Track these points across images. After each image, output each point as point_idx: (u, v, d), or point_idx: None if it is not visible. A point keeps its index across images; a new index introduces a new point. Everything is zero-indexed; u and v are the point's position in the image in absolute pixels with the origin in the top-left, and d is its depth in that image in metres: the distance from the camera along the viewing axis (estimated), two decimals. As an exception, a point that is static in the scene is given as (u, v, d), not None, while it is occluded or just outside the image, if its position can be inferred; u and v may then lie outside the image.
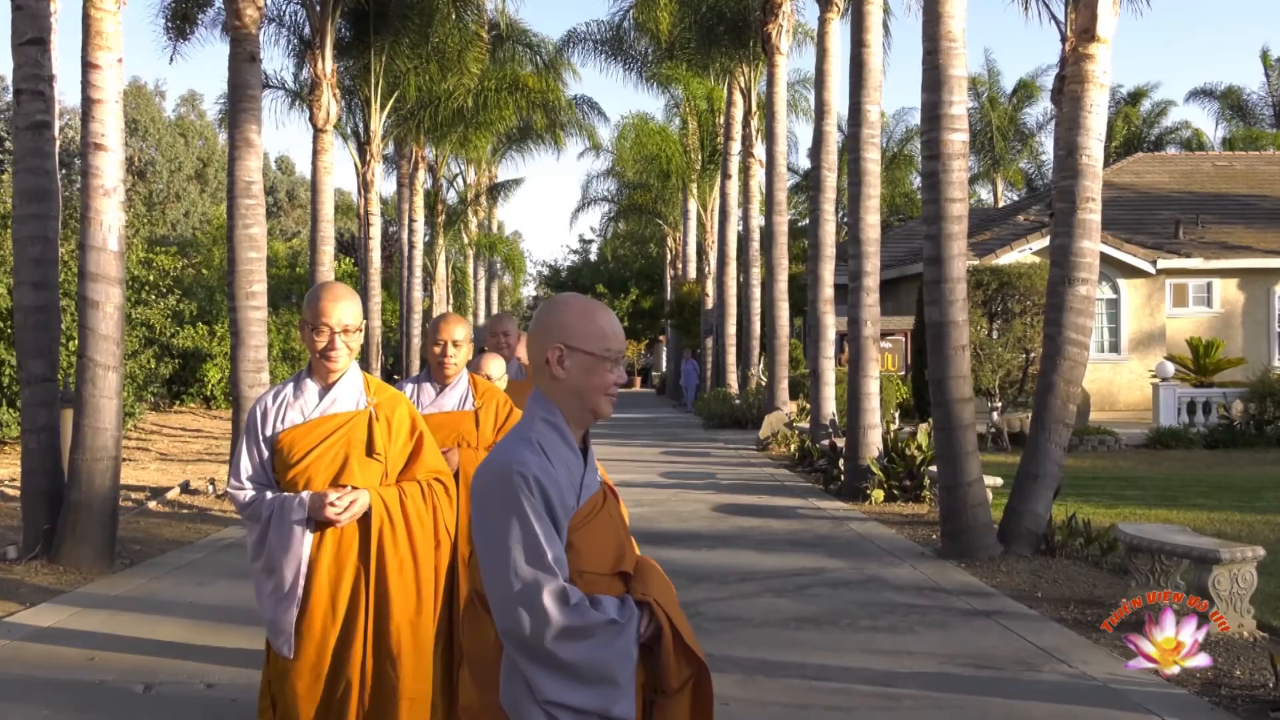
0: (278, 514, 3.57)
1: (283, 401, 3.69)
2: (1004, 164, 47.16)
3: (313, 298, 3.64)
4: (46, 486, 8.89)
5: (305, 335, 3.66)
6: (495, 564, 2.28)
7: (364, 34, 21.54)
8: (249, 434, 3.69)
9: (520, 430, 2.43)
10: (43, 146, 9.13)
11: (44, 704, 5.33)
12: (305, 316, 3.63)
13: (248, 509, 3.63)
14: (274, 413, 3.68)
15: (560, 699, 2.25)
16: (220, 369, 25.70)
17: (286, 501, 3.57)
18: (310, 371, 3.73)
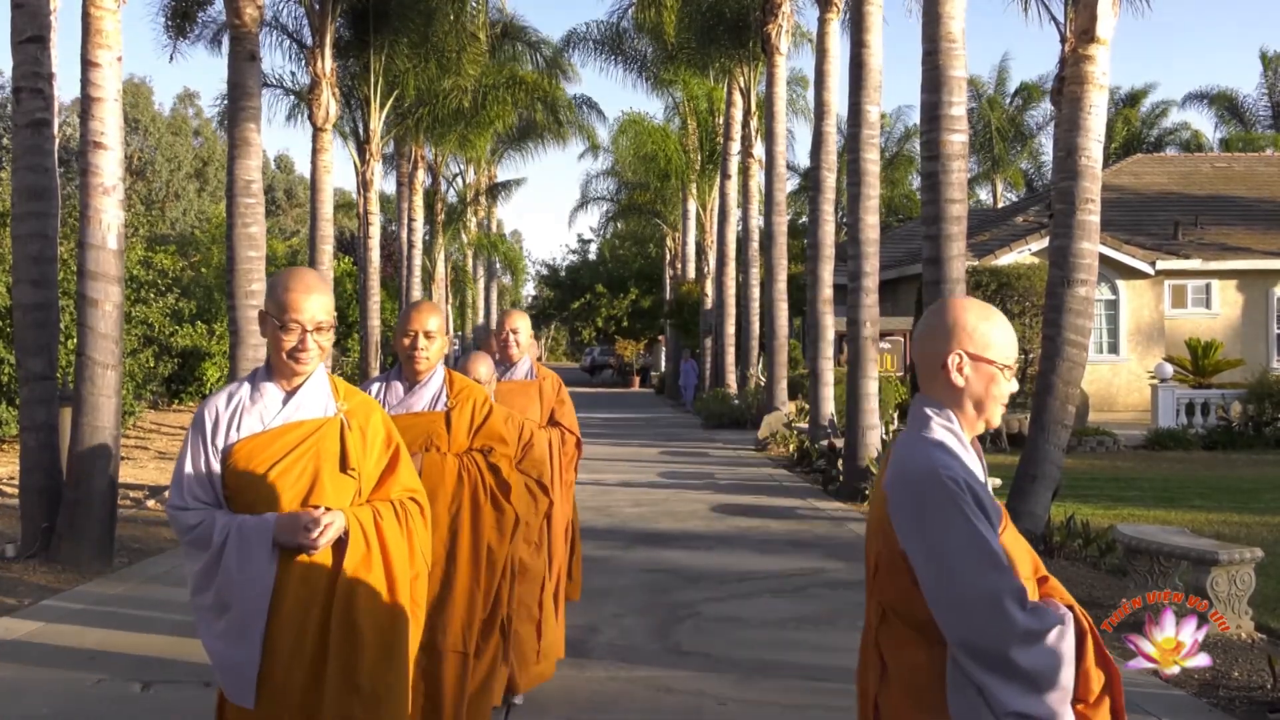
0: (236, 538, 2.97)
1: (238, 405, 3.10)
2: (1004, 165, 47.19)
3: (279, 287, 3.07)
4: (45, 485, 8.89)
5: (268, 330, 3.06)
6: (945, 574, 2.15)
7: (363, 33, 21.54)
8: (194, 443, 3.08)
9: (918, 432, 2.33)
10: (42, 144, 9.12)
11: (42, 702, 5.32)
12: (269, 309, 3.05)
13: (192, 532, 3.02)
14: (227, 418, 3.08)
15: (1022, 709, 2.15)
16: (219, 368, 25.69)
17: (247, 524, 2.99)
18: (270, 372, 3.14)
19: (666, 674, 5.80)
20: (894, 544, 2.23)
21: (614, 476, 14.59)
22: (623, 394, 42.65)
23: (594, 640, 6.39)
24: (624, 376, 51.39)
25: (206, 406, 3.10)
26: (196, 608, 3.09)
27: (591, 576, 7.88)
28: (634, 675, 5.81)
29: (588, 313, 52.45)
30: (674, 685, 5.62)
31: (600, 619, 6.88)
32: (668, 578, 8.24)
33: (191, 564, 3.07)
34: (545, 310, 58.91)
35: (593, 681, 5.60)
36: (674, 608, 7.28)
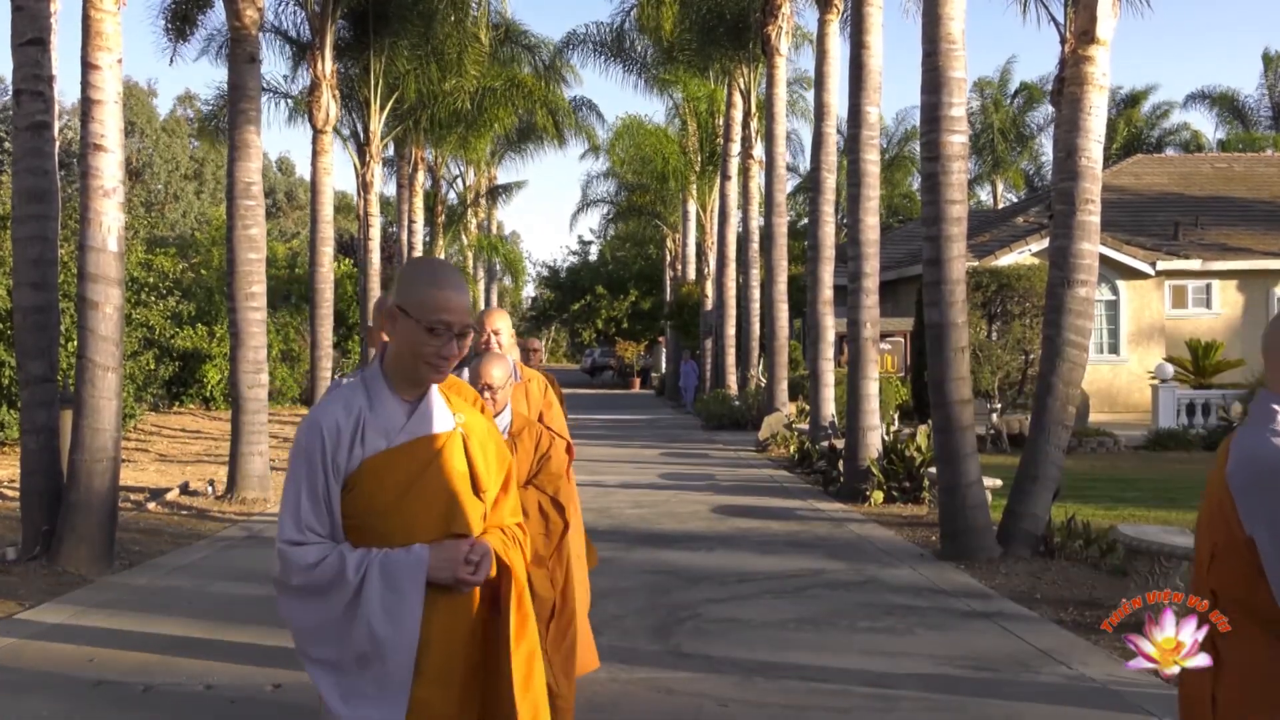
0: (379, 577, 2.43)
1: (359, 418, 2.55)
2: (1004, 165, 47.21)
3: (423, 281, 2.57)
4: (46, 487, 8.88)
5: (401, 331, 2.55)
6: None
7: (363, 35, 21.55)
8: (310, 464, 2.51)
9: (1267, 425, 2.35)
10: (42, 147, 9.12)
11: (43, 704, 5.32)
12: (407, 306, 2.53)
13: (310, 572, 2.45)
14: (350, 434, 2.53)
15: None
16: (220, 370, 25.69)
17: (393, 559, 2.46)
18: (389, 379, 2.60)
19: (667, 675, 5.81)
20: (1237, 532, 2.27)
21: (614, 478, 14.58)
22: (623, 395, 42.64)
23: (595, 641, 6.38)
24: (624, 378, 51.37)
25: (323, 419, 2.52)
26: (317, 663, 2.48)
27: (592, 578, 7.87)
28: (634, 676, 5.81)
29: (588, 314, 52.45)
30: (675, 686, 5.62)
31: (601, 620, 6.87)
32: (668, 579, 8.24)
33: (305, 611, 2.47)
34: (545, 312, 58.91)
35: (593, 683, 5.60)
36: (674, 609, 7.27)
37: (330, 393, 2.65)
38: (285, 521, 2.51)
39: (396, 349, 2.57)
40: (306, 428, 2.54)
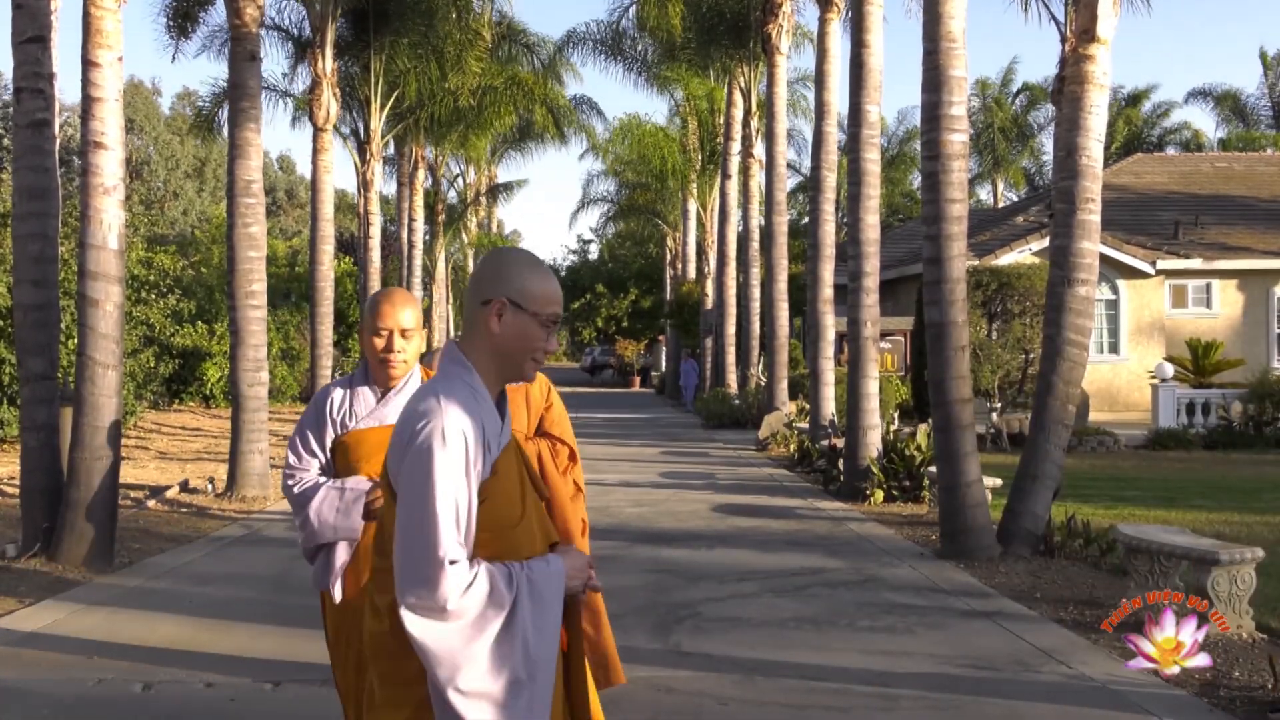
0: (529, 593, 2.29)
1: (482, 421, 2.39)
2: (1005, 164, 47.20)
3: (531, 273, 2.47)
4: (46, 484, 8.89)
5: (513, 325, 2.43)
6: None
7: (364, 33, 21.55)
8: (459, 472, 2.27)
9: None
10: (43, 144, 9.13)
11: (43, 703, 5.33)
12: (519, 298, 2.42)
13: (469, 592, 2.22)
14: (480, 438, 2.35)
15: None
16: (220, 368, 25.70)
17: (537, 571, 2.34)
18: (485, 377, 2.47)
19: (667, 674, 5.80)
20: None
21: (614, 476, 14.59)
22: (623, 394, 42.63)
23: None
24: (624, 377, 51.37)
25: (466, 425, 2.30)
26: (469, 695, 2.22)
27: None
28: (634, 675, 5.80)
29: (588, 313, 52.45)
30: (675, 685, 5.62)
31: (601, 619, 6.88)
32: (668, 577, 8.24)
33: (458, 637, 2.21)
34: (545, 310, 58.78)
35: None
36: (674, 608, 7.28)
37: (449, 396, 2.33)
38: (445, 539, 2.20)
39: (501, 344, 2.42)
40: (448, 435, 2.26)
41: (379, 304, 3.60)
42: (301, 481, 3.66)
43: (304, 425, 3.76)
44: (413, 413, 2.33)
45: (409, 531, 2.23)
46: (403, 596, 2.21)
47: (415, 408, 2.34)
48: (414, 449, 2.26)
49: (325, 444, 3.71)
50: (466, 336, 2.48)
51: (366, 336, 3.63)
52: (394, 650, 2.34)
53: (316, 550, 3.65)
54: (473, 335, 2.46)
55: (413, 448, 2.27)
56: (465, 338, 2.48)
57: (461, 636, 2.20)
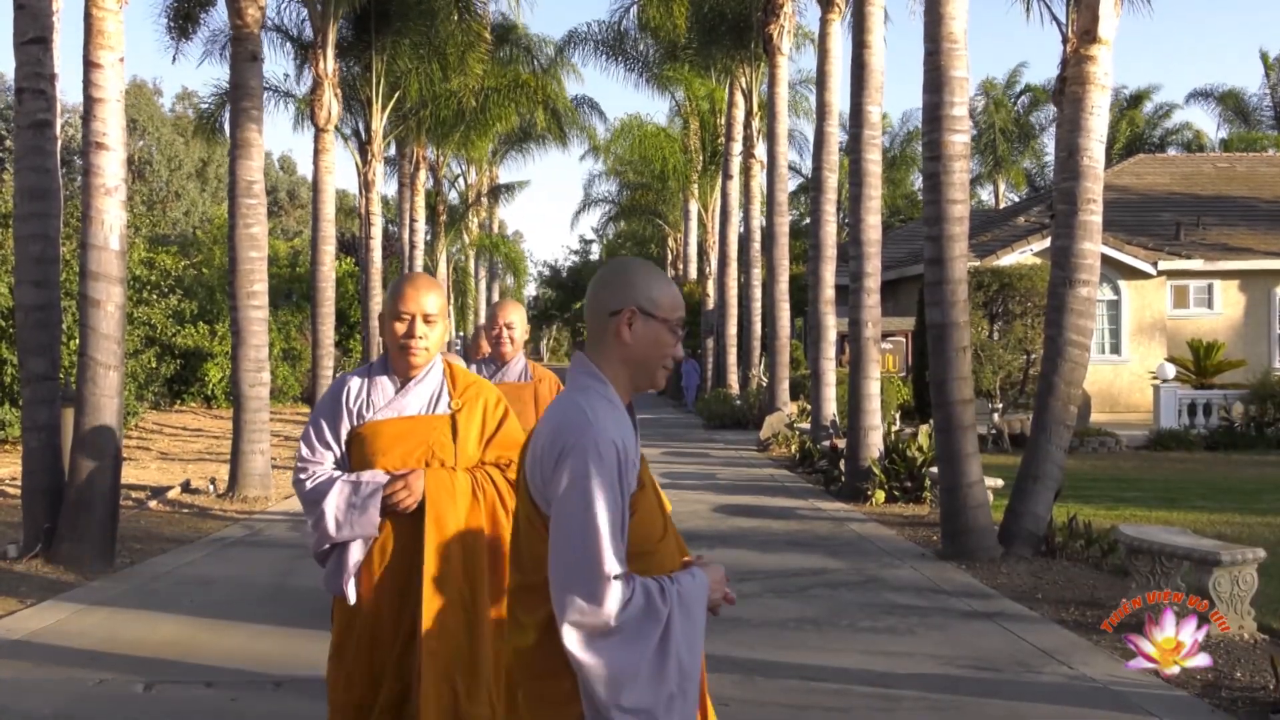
0: (680, 608, 2.27)
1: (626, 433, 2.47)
2: (1007, 165, 47.18)
3: (658, 280, 2.49)
4: (47, 485, 8.89)
5: (646, 333, 2.44)
6: None
7: (365, 34, 21.55)
8: (615, 486, 2.28)
9: None
10: (44, 145, 9.13)
11: (44, 702, 5.33)
12: (650, 306, 2.44)
13: (629, 608, 2.20)
14: (630, 451, 2.41)
15: None
16: (221, 368, 25.69)
17: (686, 586, 2.33)
18: (619, 388, 2.50)
19: (668, 674, 5.79)
20: None
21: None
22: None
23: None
24: None
25: (616, 437, 2.30)
26: (630, 713, 2.18)
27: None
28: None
29: (589, 313, 52.34)
30: (675, 686, 5.61)
31: (602, 619, 6.87)
32: (669, 578, 8.22)
33: (621, 654, 2.18)
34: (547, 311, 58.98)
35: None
36: (675, 608, 7.26)
37: (592, 403, 2.33)
38: (607, 554, 2.17)
39: (633, 353, 2.42)
40: (598, 445, 2.25)
41: (402, 287, 3.45)
42: (314, 476, 3.45)
43: (319, 415, 3.54)
44: (559, 426, 2.30)
45: (569, 548, 2.19)
46: (564, 613, 2.17)
47: (560, 421, 2.32)
48: (569, 464, 2.23)
49: (341, 436, 3.49)
50: (595, 347, 2.45)
51: (387, 322, 3.45)
52: (543, 669, 2.29)
53: (328, 551, 3.44)
54: (602, 345, 2.43)
55: (566, 462, 2.23)
56: (593, 348, 2.45)
57: (623, 653, 2.17)
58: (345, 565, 3.39)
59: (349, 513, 3.36)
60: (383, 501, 3.35)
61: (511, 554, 2.45)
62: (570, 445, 2.24)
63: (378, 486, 3.36)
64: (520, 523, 2.40)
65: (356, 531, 3.37)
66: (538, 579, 2.26)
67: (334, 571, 3.43)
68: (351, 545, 3.38)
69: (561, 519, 2.22)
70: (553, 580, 2.20)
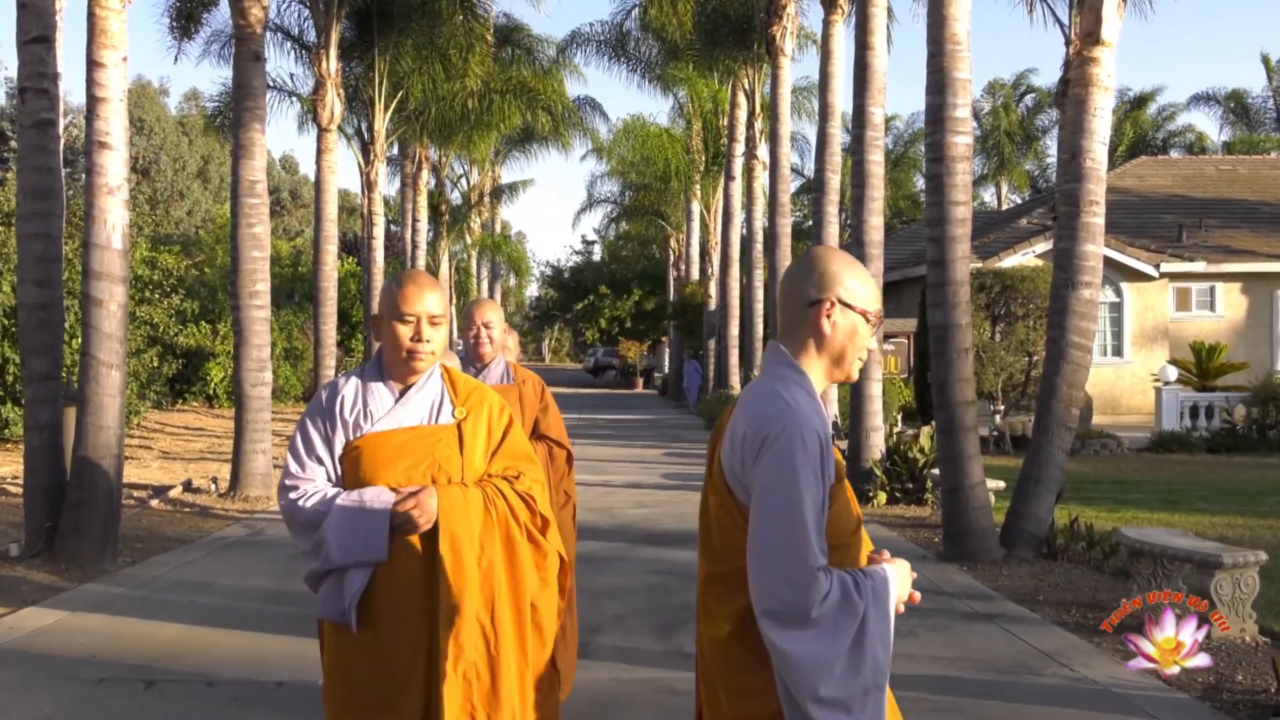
0: (875, 599, 2.28)
1: None
2: (1010, 167, 47.20)
3: (860, 271, 2.47)
4: (49, 484, 8.90)
5: (848, 325, 2.42)
6: None
7: (367, 34, 21.56)
8: (817, 476, 2.28)
9: None
10: (47, 144, 9.14)
11: (46, 701, 5.33)
12: (853, 299, 2.42)
13: (827, 601, 2.21)
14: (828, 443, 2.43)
15: None
16: (223, 368, 25.72)
17: (877, 580, 2.33)
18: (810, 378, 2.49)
19: (670, 675, 5.80)
20: None
21: (617, 477, 14.57)
22: (626, 395, 42.62)
23: (597, 642, 6.38)
24: (627, 378, 51.35)
25: (818, 427, 2.28)
26: (827, 704, 2.18)
27: (595, 577, 7.88)
28: (637, 676, 5.80)
29: (591, 314, 52.45)
30: (677, 686, 5.61)
31: (603, 620, 6.88)
32: (671, 579, 8.23)
33: (821, 645, 2.17)
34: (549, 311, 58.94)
35: (595, 683, 5.59)
36: (677, 609, 7.27)
37: (783, 392, 2.30)
38: (809, 546, 2.16)
39: (832, 344, 2.40)
40: (808, 433, 2.22)
41: (404, 287, 3.13)
42: (307, 494, 3.09)
43: (308, 427, 3.17)
44: (760, 416, 2.27)
45: (773, 538, 2.17)
46: (764, 604, 2.16)
47: (761, 410, 2.28)
48: (773, 453, 2.20)
49: (335, 449, 3.14)
50: (791, 337, 2.42)
51: (388, 324, 3.13)
52: (741, 662, 2.26)
53: (324, 574, 3.09)
54: (799, 336, 2.41)
55: (770, 452, 2.21)
56: (789, 338, 2.42)
57: (822, 645, 2.16)
58: (346, 590, 3.04)
59: (354, 536, 3.01)
60: (392, 521, 3.03)
61: (702, 543, 2.42)
62: (774, 434, 2.21)
63: (385, 505, 3.02)
64: (711, 512, 2.37)
65: (362, 556, 3.02)
66: (731, 568, 2.24)
67: (331, 596, 3.09)
68: (351, 570, 3.04)
69: (764, 509, 2.19)
70: (752, 570, 2.18)
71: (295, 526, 3.13)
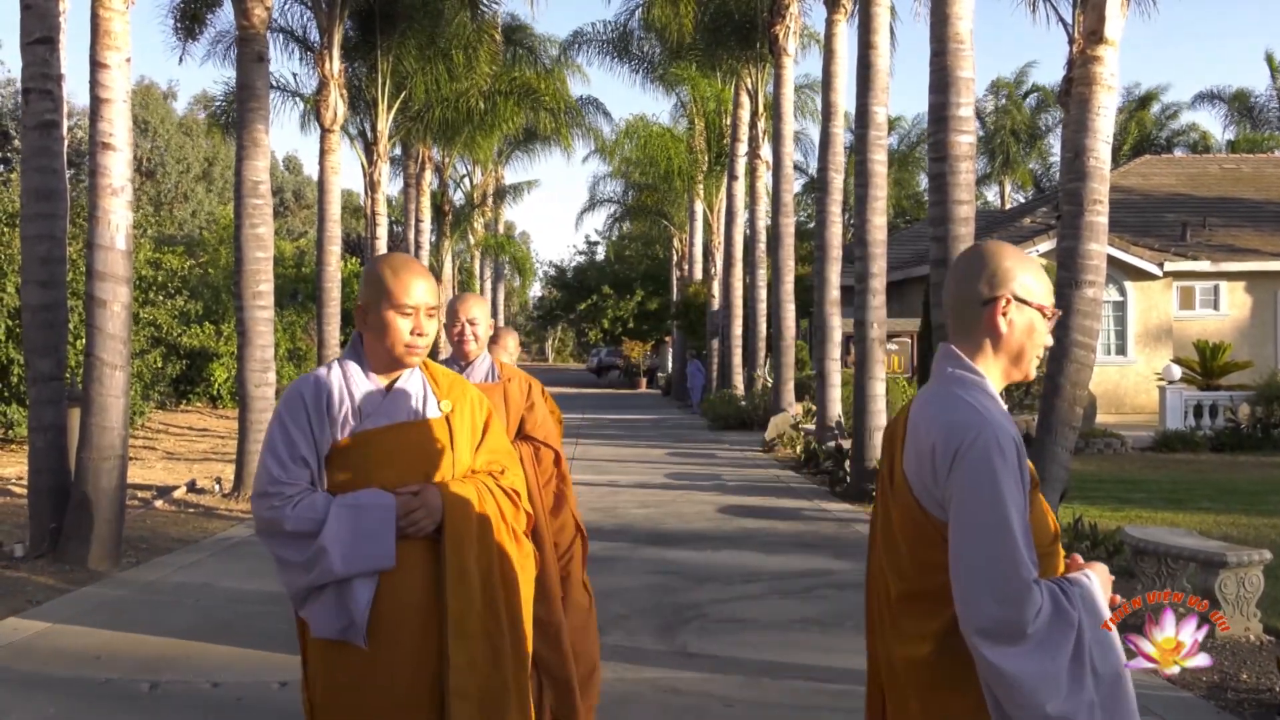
0: (1089, 613, 2.19)
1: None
2: (1014, 165, 47.17)
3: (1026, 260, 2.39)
4: (53, 485, 8.91)
5: (1025, 322, 2.32)
6: None
7: (370, 35, 21.58)
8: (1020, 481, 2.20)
9: None
10: (51, 145, 9.15)
11: (50, 701, 5.34)
12: (1027, 294, 2.32)
13: (1041, 615, 2.09)
14: None
15: None
16: (227, 369, 25.74)
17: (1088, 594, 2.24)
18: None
19: (673, 675, 5.80)
20: None
21: (621, 477, 14.58)
22: (629, 395, 42.63)
23: (600, 641, 6.38)
24: (630, 378, 51.37)
25: (1014, 433, 2.21)
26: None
27: (597, 577, 7.87)
28: (640, 676, 5.81)
29: (594, 314, 52.45)
30: (680, 686, 5.62)
31: (606, 620, 6.87)
32: (674, 579, 8.24)
33: (1040, 661, 2.06)
34: (552, 311, 58.93)
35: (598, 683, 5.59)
36: (680, 609, 7.28)
37: (968, 397, 2.21)
38: (1020, 558, 2.05)
39: (1010, 343, 2.31)
40: (1004, 439, 2.13)
41: (401, 275, 2.88)
42: (295, 500, 2.79)
43: (288, 426, 2.87)
44: (949, 423, 2.16)
45: (981, 553, 2.05)
46: (975, 622, 2.04)
47: (950, 418, 2.17)
48: (969, 463, 2.09)
49: (322, 449, 2.87)
50: (965, 338, 2.32)
51: (382, 315, 2.86)
52: (944, 681, 2.15)
53: (317, 589, 2.81)
54: (973, 336, 2.31)
55: (966, 462, 2.09)
56: (963, 340, 2.32)
57: (1043, 660, 2.05)
58: (352, 605, 2.77)
59: (359, 543, 2.75)
60: (400, 522, 2.80)
61: (888, 561, 2.28)
62: (968, 443, 2.10)
63: (389, 507, 2.78)
64: (896, 527, 2.24)
65: (368, 565, 2.76)
66: (928, 585, 2.14)
67: (327, 612, 2.80)
68: (355, 581, 2.77)
69: (967, 522, 2.08)
70: (959, 587, 2.07)
71: (280, 538, 2.81)
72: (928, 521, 2.15)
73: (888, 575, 2.27)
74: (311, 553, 2.76)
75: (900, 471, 2.22)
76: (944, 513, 2.12)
